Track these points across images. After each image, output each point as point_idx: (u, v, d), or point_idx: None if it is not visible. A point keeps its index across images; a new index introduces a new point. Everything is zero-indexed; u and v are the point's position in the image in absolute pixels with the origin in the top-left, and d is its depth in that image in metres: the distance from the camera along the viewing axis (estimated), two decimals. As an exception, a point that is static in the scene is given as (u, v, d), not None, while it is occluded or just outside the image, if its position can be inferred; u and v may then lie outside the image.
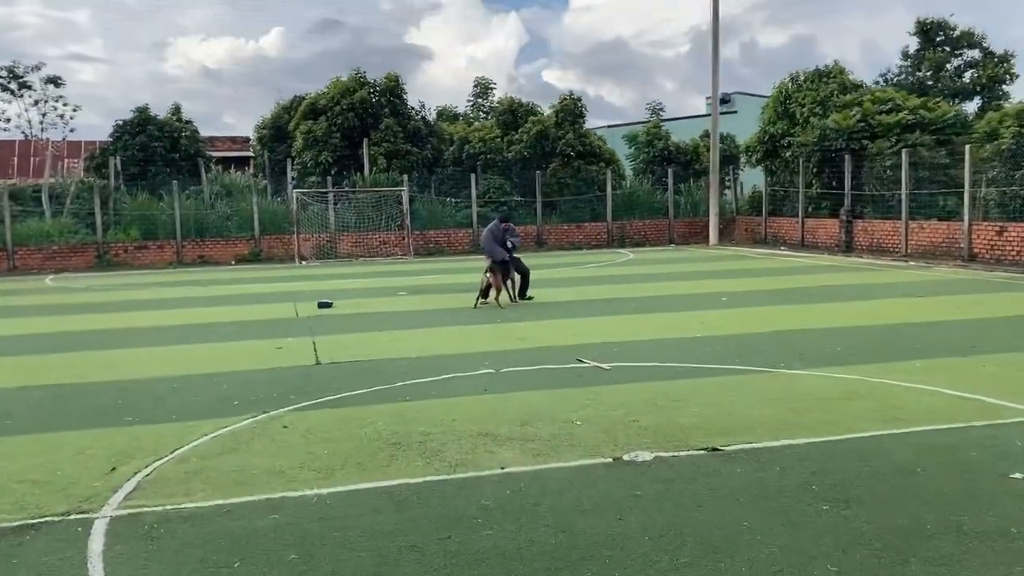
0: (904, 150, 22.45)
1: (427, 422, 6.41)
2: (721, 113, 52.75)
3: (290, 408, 7.03)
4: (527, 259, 16.68)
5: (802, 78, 28.50)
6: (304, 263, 26.04)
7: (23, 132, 59.19)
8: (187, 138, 31.92)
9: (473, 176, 29.12)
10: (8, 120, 62.56)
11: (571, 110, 30.72)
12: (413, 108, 31.39)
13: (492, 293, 13.42)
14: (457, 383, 7.81)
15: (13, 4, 71.61)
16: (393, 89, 30.37)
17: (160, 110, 31.90)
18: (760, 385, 7.37)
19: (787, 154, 27.83)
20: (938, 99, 26.48)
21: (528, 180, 30.60)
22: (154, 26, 75.59)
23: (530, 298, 14.15)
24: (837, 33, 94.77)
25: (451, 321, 12.06)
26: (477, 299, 13.44)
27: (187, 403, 7.36)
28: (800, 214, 27.07)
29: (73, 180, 28.13)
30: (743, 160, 31.25)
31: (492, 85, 44.81)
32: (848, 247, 24.47)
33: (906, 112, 24.02)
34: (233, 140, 46.60)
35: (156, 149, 30.78)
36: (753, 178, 34.58)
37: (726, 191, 32.54)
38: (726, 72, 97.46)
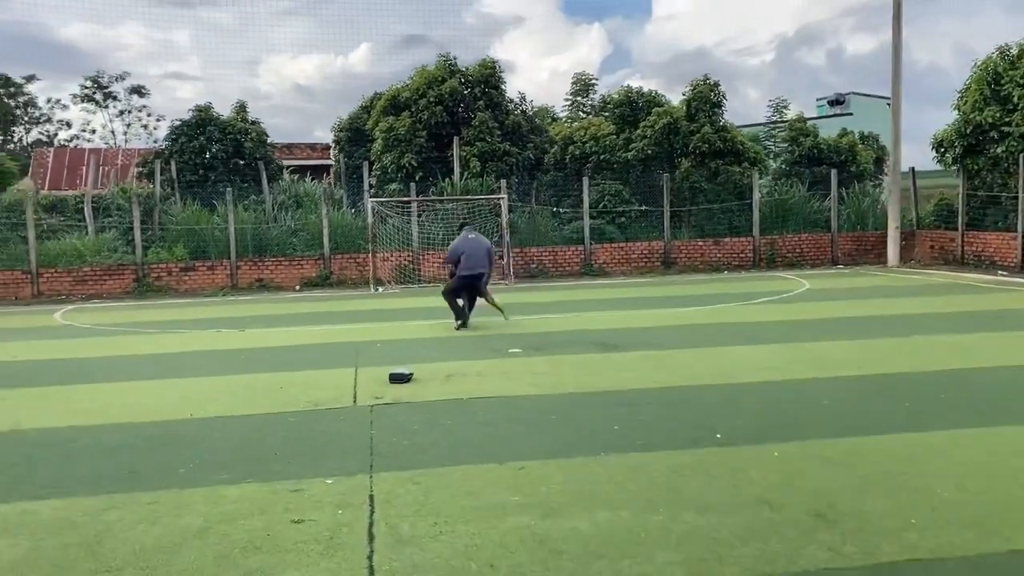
0: None
1: None
2: (835, 115, 46.59)
3: None
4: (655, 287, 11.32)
5: (1014, 51, 21.94)
6: (381, 289, 21.03)
7: (107, 142, 57.31)
8: (252, 140, 27.52)
9: (585, 181, 23.63)
10: (94, 131, 61.08)
11: (706, 97, 24.89)
12: (512, 101, 26.14)
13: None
14: None
15: (118, 26, 76.41)
16: (489, 78, 25.18)
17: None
18: None
19: (999, 149, 21.35)
20: None
21: (650, 185, 24.97)
22: (247, 44, 75.22)
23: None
24: (930, 37, 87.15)
25: (619, 438, 6.54)
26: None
27: None
28: (1020, 228, 20.56)
29: (115, 190, 23.95)
30: (933, 157, 24.75)
31: (594, 81, 39.50)
32: (1106, 272, 17.91)
33: None
34: (312, 147, 42.66)
35: (216, 153, 26.52)
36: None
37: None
38: (812, 79, 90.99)
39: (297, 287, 22.16)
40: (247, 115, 28.46)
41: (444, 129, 24.60)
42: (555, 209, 24.17)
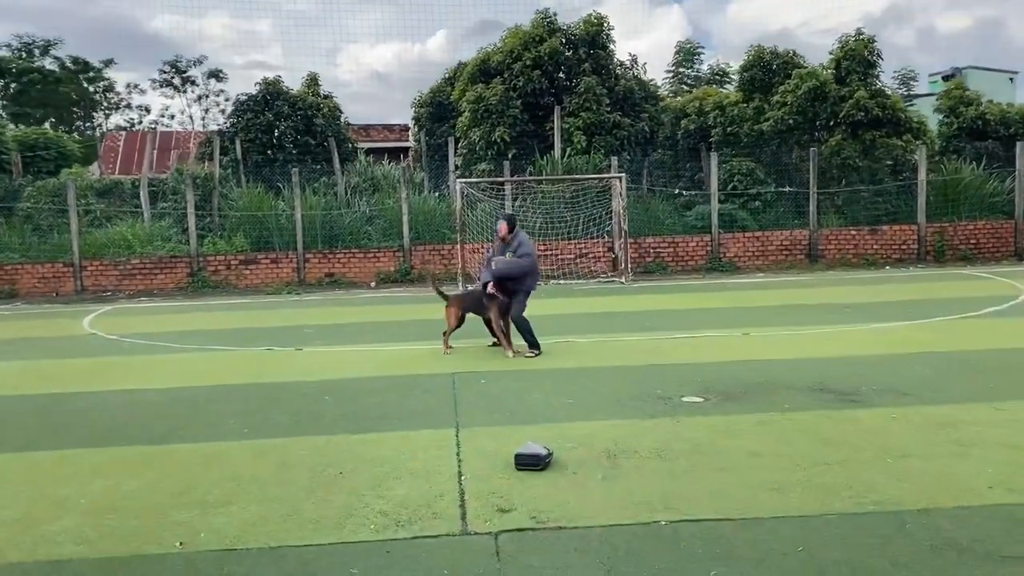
0: None
1: None
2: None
3: None
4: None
5: None
6: (470, 289, 17.69)
7: (184, 127, 55.88)
8: (324, 116, 24.61)
9: (714, 157, 19.77)
10: (172, 116, 59.89)
11: (859, 57, 20.64)
12: (622, 63, 22.40)
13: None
14: None
15: (204, 17, 77.22)
16: (595, 37, 21.50)
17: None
18: None
19: None
20: None
21: (786, 162, 20.95)
22: (327, 32, 75.10)
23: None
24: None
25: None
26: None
27: None
28: None
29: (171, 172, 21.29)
30: None
31: (700, 50, 35.30)
32: None
33: None
34: (390, 129, 39.81)
35: (285, 131, 23.68)
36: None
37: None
38: (901, 58, 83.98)
39: (372, 283, 19.08)
40: (319, 88, 25.60)
41: (542, 98, 21.08)
42: (676, 191, 20.39)
